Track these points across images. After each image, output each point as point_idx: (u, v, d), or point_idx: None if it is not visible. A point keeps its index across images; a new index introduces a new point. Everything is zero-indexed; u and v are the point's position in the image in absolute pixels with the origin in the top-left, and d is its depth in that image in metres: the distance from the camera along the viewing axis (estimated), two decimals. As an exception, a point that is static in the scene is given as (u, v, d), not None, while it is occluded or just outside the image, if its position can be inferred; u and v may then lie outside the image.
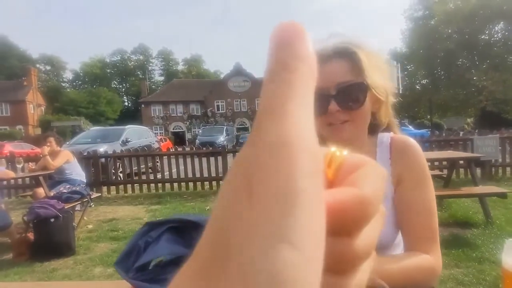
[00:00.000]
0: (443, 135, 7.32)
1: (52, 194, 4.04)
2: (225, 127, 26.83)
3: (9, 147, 15.20)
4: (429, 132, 12.06)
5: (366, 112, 0.83)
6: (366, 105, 0.81)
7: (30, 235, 3.35)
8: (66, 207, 3.52)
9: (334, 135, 0.83)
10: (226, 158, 6.34)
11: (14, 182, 5.92)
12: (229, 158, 6.38)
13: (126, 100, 62.97)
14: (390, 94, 0.86)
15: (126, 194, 6.40)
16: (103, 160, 6.59)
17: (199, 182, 6.45)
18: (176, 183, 6.44)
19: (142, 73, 61.79)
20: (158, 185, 6.56)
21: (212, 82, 45.66)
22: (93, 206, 5.16)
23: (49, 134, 4.89)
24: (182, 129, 40.46)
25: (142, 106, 41.67)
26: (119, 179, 6.74)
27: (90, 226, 4.31)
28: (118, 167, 6.76)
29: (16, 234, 3.35)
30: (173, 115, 40.69)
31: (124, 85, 63.92)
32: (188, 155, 6.49)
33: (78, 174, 4.77)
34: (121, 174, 6.92)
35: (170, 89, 42.96)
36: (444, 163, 5.69)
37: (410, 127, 23.45)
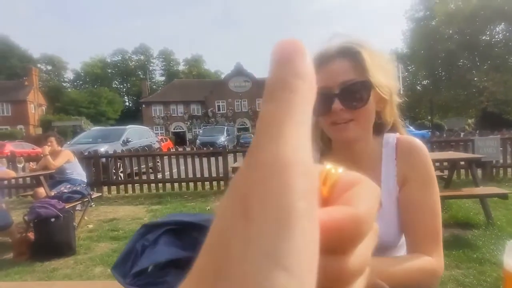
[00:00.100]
0: (444, 136, 7.29)
1: (52, 193, 4.05)
2: (225, 127, 26.79)
3: (10, 147, 15.23)
4: (429, 132, 12.04)
5: (370, 111, 0.82)
6: (370, 104, 0.81)
7: (31, 235, 3.35)
8: (66, 207, 3.53)
9: (338, 135, 0.83)
10: (226, 158, 6.35)
11: (15, 181, 5.93)
12: (229, 158, 6.39)
13: (127, 100, 63.05)
14: (394, 93, 0.85)
15: (126, 194, 6.40)
16: (104, 160, 6.60)
17: (200, 182, 6.45)
18: (176, 183, 6.44)
19: (143, 73, 61.88)
20: (158, 185, 6.57)
21: (212, 82, 45.67)
22: (93, 206, 5.16)
23: (50, 134, 4.88)
24: (183, 129, 40.45)
25: (143, 106, 41.68)
26: (120, 179, 6.74)
27: (91, 226, 4.31)
28: (118, 167, 6.77)
29: (16, 234, 3.35)
30: (173, 115, 40.69)
31: (125, 85, 64.02)
32: (188, 155, 6.49)
33: (79, 174, 4.78)
34: (121, 174, 6.93)
35: (171, 89, 42.95)
36: (445, 164, 5.67)
37: (411, 128, 23.42)
